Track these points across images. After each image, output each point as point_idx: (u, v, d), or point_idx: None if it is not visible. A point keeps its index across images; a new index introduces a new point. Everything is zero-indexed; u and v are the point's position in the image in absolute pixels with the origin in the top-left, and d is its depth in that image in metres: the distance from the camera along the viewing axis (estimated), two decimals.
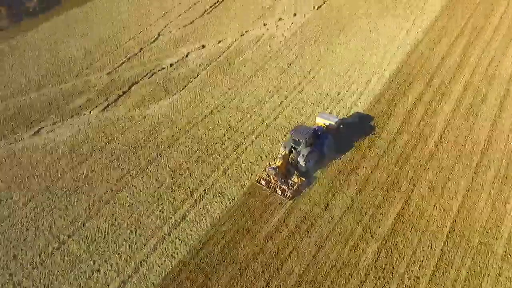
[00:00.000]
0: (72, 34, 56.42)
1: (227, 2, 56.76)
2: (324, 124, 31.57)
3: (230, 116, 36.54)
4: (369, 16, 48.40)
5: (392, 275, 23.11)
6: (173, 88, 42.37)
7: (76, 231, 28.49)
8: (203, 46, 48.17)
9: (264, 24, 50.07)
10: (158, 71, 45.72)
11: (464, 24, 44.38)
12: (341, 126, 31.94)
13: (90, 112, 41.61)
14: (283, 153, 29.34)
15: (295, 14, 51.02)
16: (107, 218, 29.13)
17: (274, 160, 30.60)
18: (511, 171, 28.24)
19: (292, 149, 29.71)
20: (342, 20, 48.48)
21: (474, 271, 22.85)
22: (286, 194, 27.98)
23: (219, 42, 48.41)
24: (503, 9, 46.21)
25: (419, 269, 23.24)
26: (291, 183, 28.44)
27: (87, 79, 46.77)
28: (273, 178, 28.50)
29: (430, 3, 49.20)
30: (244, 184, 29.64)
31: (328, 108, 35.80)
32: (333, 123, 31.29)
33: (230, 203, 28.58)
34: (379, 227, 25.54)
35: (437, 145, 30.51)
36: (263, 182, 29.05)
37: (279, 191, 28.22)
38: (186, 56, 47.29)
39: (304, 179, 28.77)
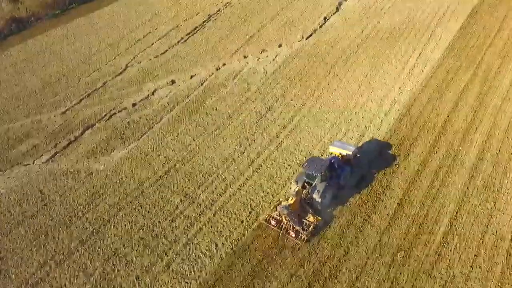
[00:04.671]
0: (35, 64, 50.50)
1: (205, 30, 50.13)
2: (340, 153, 27.35)
3: (188, 180, 29.68)
4: (366, 52, 40.45)
5: None
6: (131, 135, 35.83)
7: None
8: (173, 82, 41.63)
9: (245, 57, 43.29)
10: (118, 111, 39.34)
11: (476, 66, 36.12)
12: (358, 155, 28.02)
13: (33, 162, 35.40)
14: (296, 189, 25.31)
15: (280, 45, 44.07)
16: None
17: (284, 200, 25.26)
18: None
19: (306, 185, 25.63)
20: (335, 55, 40.96)
21: None
22: (301, 236, 23.91)
23: (191, 77, 41.80)
24: None
25: None
26: (306, 224, 24.46)
27: (39, 118, 40.61)
28: (285, 218, 24.17)
29: (435, 38, 40.94)
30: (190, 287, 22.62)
31: None
32: (350, 153, 27.08)
33: None
34: None
35: (446, 238, 22.88)
36: (273, 222, 24.82)
37: (292, 233, 24.10)
38: (153, 93, 40.82)
39: (320, 218, 24.82)
